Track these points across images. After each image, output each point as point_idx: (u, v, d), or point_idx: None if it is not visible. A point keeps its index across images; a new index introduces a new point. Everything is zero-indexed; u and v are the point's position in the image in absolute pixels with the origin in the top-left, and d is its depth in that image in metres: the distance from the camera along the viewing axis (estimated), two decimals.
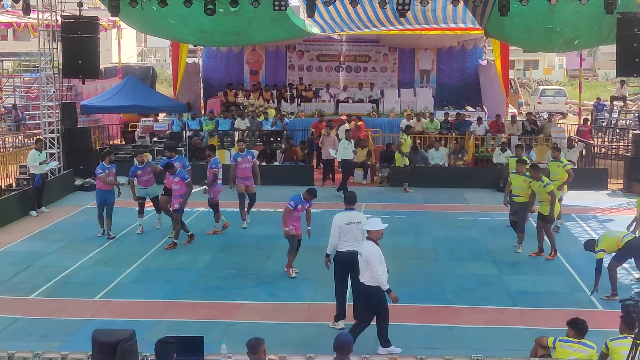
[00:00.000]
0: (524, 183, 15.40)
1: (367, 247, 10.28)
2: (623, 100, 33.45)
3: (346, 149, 21.65)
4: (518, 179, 15.55)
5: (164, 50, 73.28)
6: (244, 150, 17.92)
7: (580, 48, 30.05)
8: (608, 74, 64.81)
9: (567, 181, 16.52)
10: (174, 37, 26.36)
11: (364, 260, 10.24)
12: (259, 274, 14.14)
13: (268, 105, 29.38)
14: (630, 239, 12.65)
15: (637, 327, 7.71)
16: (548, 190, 14.76)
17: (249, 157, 17.79)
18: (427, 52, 33.92)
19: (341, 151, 21.73)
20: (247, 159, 17.73)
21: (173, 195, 16.05)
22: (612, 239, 12.66)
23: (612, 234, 12.98)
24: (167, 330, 10.07)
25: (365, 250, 10.27)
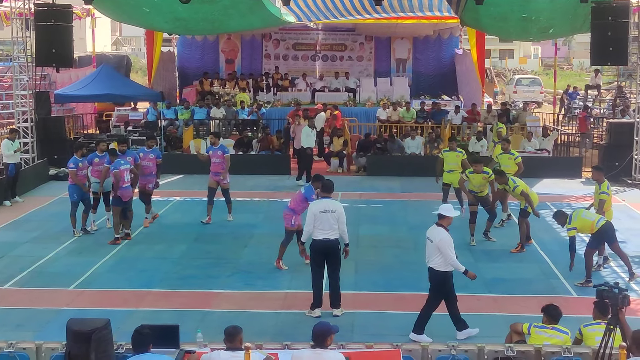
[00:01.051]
0: (483, 180, 15.52)
1: (438, 233, 10.30)
2: (597, 89, 33.68)
3: (309, 137, 21.49)
4: (477, 177, 15.57)
5: (138, 39, 72.71)
6: (217, 144, 17.30)
7: (555, 37, 30.19)
8: (583, 63, 65.26)
9: (517, 173, 16.55)
10: (149, 25, 26.14)
11: (434, 246, 10.27)
12: (235, 263, 14.11)
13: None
14: (604, 223, 12.79)
15: (610, 313, 7.77)
16: (518, 192, 14.81)
17: (219, 151, 17.11)
18: (403, 41, 33.94)
19: (304, 138, 21.59)
20: (218, 154, 17.07)
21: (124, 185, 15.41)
22: (587, 222, 12.78)
23: (587, 215, 13.02)
24: (143, 320, 10.00)
25: (435, 237, 10.29)
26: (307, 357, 7.20)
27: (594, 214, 13.09)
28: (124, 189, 15.23)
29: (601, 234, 12.81)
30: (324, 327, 7.44)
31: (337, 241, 11.26)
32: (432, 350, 8.00)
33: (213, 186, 17.13)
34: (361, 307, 11.77)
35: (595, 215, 13.05)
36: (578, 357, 7.91)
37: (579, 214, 12.97)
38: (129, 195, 15.41)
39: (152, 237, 15.86)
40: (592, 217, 12.92)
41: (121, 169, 15.22)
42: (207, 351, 7.64)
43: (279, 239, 14.40)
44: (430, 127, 25.47)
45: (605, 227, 12.79)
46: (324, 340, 7.28)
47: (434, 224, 10.54)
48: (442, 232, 10.31)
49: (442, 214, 10.47)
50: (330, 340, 7.37)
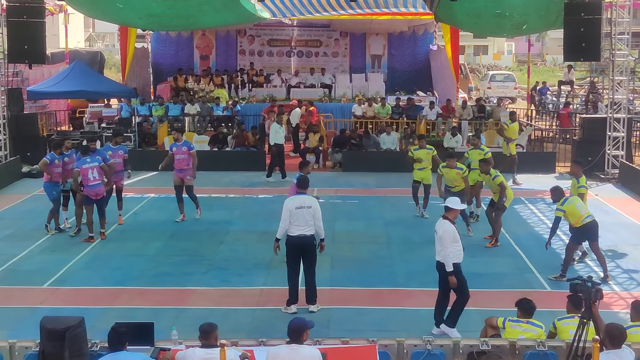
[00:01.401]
0: (457, 176, 15.64)
1: (442, 225, 10.36)
2: (570, 85, 33.92)
3: (278, 133, 21.41)
4: (451, 172, 15.70)
5: (112, 35, 72.20)
6: (180, 140, 16.97)
7: (528, 33, 30.40)
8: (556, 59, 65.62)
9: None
10: (122, 21, 25.96)
11: (439, 238, 10.32)
12: (210, 259, 14.06)
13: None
14: (590, 221, 12.83)
15: (584, 307, 7.83)
16: (497, 182, 14.88)
17: (183, 148, 16.75)
18: (378, 37, 33.98)
19: (273, 135, 21.53)
20: (182, 150, 16.72)
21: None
22: (577, 213, 12.79)
23: (580, 208, 12.92)
24: (117, 318, 9.94)
25: (440, 229, 10.35)
26: (284, 353, 7.18)
27: (586, 209, 13.02)
28: (90, 187, 15.07)
29: (585, 230, 12.86)
30: (300, 323, 7.43)
31: (312, 237, 11.26)
32: (408, 345, 8.02)
33: (179, 184, 16.78)
34: (337, 302, 11.78)
35: (586, 211, 13.00)
36: (552, 351, 7.97)
37: (574, 202, 12.91)
38: (97, 192, 15.21)
39: (127, 234, 15.76)
40: (583, 211, 12.89)
41: (83, 167, 15.05)
42: (182, 348, 7.61)
43: (255, 235, 14.42)
44: (405, 122, 25.52)
45: (590, 225, 12.85)
46: (300, 335, 7.27)
47: (441, 217, 10.59)
48: (447, 224, 10.35)
49: (448, 206, 10.54)
50: (306, 336, 7.36)
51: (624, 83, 22.25)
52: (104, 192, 15.43)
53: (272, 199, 18.65)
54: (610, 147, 21.68)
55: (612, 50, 21.63)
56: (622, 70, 22.23)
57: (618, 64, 21.97)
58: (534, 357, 7.89)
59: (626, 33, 21.53)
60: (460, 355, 8.02)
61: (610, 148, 21.69)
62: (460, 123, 25.43)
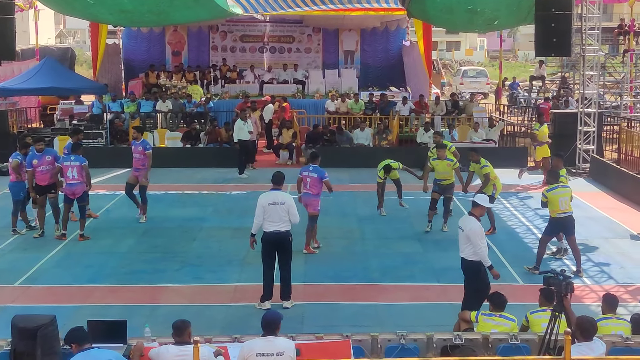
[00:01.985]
0: (447, 167, 15.64)
1: (469, 222, 10.26)
2: (542, 80, 34.18)
3: (242, 129, 21.35)
4: (441, 163, 15.72)
5: (83, 32, 71.52)
6: (139, 139, 16.72)
7: (500, 28, 30.56)
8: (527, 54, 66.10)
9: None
10: (93, 17, 25.70)
11: (465, 235, 10.21)
12: (184, 256, 13.99)
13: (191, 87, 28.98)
14: (564, 216, 12.89)
15: (556, 300, 7.90)
16: (484, 173, 14.98)
17: (140, 147, 16.48)
18: (351, 32, 33.99)
19: (236, 132, 21.47)
20: (138, 149, 16.47)
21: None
22: (556, 205, 12.85)
23: (562, 202, 12.91)
24: (90, 315, 9.90)
25: (466, 226, 10.24)
26: (260, 345, 7.19)
27: (567, 204, 12.98)
28: (67, 185, 14.98)
29: (560, 224, 12.97)
30: (275, 316, 7.48)
31: (287, 233, 11.24)
32: (382, 340, 8.04)
33: (131, 182, 16.65)
34: (311, 298, 11.78)
35: (567, 206, 12.97)
36: (524, 344, 8.03)
37: (558, 195, 12.91)
38: (74, 192, 15.05)
39: (99, 232, 15.62)
40: (562, 206, 12.90)
41: (64, 164, 14.98)
42: (156, 346, 7.57)
43: (228, 231, 14.38)
44: (378, 118, 25.57)
45: (567, 219, 12.94)
46: (276, 328, 7.31)
47: (467, 213, 10.56)
48: (474, 221, 10.27)
49: (476, 201, 10.49)
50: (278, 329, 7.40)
51: (594, 78, 22.46)
52: (81, 192, 15.17)
53: (245, 196, 18.61)
54: (581, 141, 21.87)
55: (582, 46, 21.84)
56: (592, 66, 22.45)
57: (589, 59, 22.18)
58: (507, 351, 7.94)
59: (596, 28, 21.75)
60: (433, 349, 8.05)
61: (581, 143, 21.88)
62: (433, 119, 25.53)
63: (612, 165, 20.68)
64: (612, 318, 8.65)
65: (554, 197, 12.83)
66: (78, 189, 15.03)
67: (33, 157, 15.09)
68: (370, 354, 7.97)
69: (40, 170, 15.06)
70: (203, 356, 6.81)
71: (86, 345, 6.93)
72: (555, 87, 32.90)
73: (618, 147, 23.72)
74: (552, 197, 12.82)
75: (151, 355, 7.32)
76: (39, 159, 15.07)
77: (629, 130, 23.35)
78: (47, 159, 15.12)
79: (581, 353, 6.95)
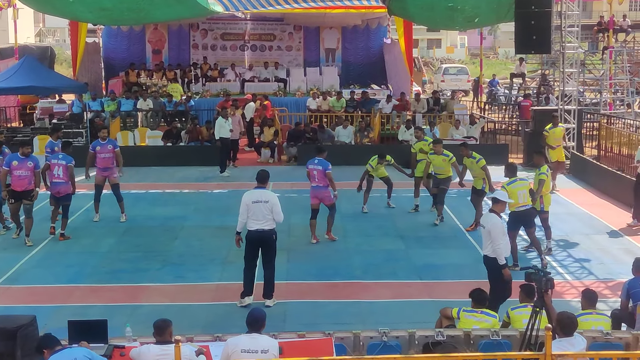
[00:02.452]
0: (443, 162, 15.87)
1: (491, 219, 10.31)
2: (522, 78, 34.33)
3: (223, 127, 21.31)
4: (437, 158, 15.95)
5: (63, 30, 71.23)
6: (105, 139, 16.56)
7: (480, 26, 30.65)
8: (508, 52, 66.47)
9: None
10: (72, 15, 25.54)
11: (487, 232, 10.24)
12: (165, 255, 13.94)
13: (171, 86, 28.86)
14: (523, 210, 13.00)
15: (536, 296, 7.94)
16: (481, 166, 15.12)
17: (109, 146, 16.33)
18: (332, 30, 33.98)
19: (218, 129, 21.45)
20: (107, 149, 16.30)
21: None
22: (515, 199, 12.86)
23: (520, 194, 13.00)
24: (71, 315, 9.85)
25: (488, 223, 10.28)
26: (244, 341, 7.20)
27: (526, 197, 13.11)
28: (53, 185, 14.98)
29: (520, 217, 13.07)
30: (261, 313, 7.52)
31: (271, 232, 11.20)
32: (364, 337, 8.05)
33: (100, 183, 16.46)
34: (293, 296, 11.77)
35: (526, 199, 13.08)
36: (506, 340, 8.07)
37: (517, 188, 13.01)
38: (59, 191, 14.98)
39: (80, 231, 15.54)
40: (521, 199, 13.00)
41: (52, 162, 15.00)
42: (137, 345, 7.54)
43: (210, 230, 14.34)
44: (360, 116, 25.59)
45: (527, 213, 13.07)
46: (261, 326, 7.33)
47: (488, 210, 10.58)
48: (495, 217, 10.34)
49: (497, 198, 10.54)
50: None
51: (574, 75, 22.59)
52: (65, 192, 15.05)
53: (227, 194, 18.58)
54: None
55: (562, 43, 21.93)
56: (572, 63, 22.58)
57: (568, 56, 22.30)
58: (488, 347, 7.97)
59: (576, 26, 21.87)
60: (415, 346, 8.07)
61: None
62: (414, 116, 25.57)
63: (592, 162, 20.82)
64: (592, 313, 8.72)
65: (513, 190, 12.91)
66: (62, 188, 14.96)
67: (14, 159, 14.72)
68: (352, 351, 7.98)
69: (19, 175, 14.65)
70: (184, 355, 6.79)
71: (57, 348, 6.90)
72: (536, 84, 33.05)
73: (598, 144, 23.90)
74: (511, 190, 12.88)
75: (132, 355, 7.29)
76: (20, 161, 14.64)
77: (608, 127, 23.54)
78: (29, 165, 14.72)
79: (562, 348, 6.99)
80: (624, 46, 32.35)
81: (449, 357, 6.93)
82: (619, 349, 7.99)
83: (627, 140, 21.41)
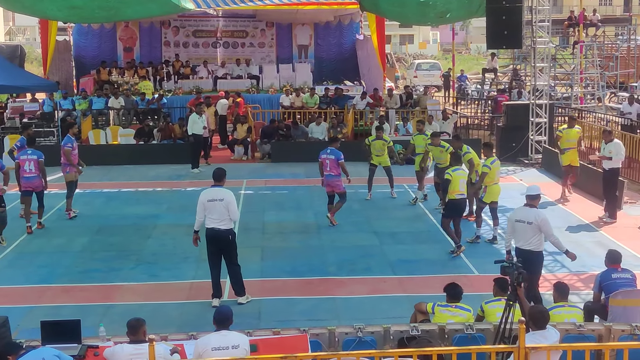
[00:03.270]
0: (441, 154, 16.37)
1: (538, 214, 10.50)
2: (494, 73, 34.53)
3: (196, 123, 21.25)
4: (435, 150, 16.54)
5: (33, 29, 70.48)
6: (74, 135, 16.70)
7: (452, 21, 30.78)
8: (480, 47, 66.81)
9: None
10: (42, 14, 25.29)
11: (535, 227, 10.36)
12: (138, 254, 13.86)
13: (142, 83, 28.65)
14: (457, 198, 13.57)
15: (510, 289, 7.99)
16: (466, 159, 15.21)
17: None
18: (305, 27, 33.93)
19: (191, 125, 21.36)
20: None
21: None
22: (455, 185, 13.50)
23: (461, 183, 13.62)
24: (43, 316, 9.76)
25: (535, 217, 10.41)
26: (215, 339, 7.19)
27: (463, 186, 13.60)
28: (26, 180, 15.02)
29: (457, 205, 13.65)
30: (226, 310, 7.54)
31: (227, 232, 11.07)
32: (339, 333, 8.05)
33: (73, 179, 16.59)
34: (268, 293, 11.75)
35: (462, 187, 13.58)
36: (480, 334, 8.11)
37: (460, 176, 13.58)
38: (33, 184, 15.05)
39: (52, 231, 15.41)
40: (460, 187, 13.52)
41: (22, 159, 15.02)
42: (110, 345, 7.49)
43: (183, 228, 14.28)
44: (333, 112, 25.59)
45: (457, 202, 13.59)
46: (229, 322, 7.33)
47: (522, 206, 10.66)
48: (542, 212, 10.57)
49: (534, 193, 10.69)
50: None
51: (545, 70, 22.74)
52: (40, 186, 15.19)
53: (200, 192, 18.41)
54: (533, 132, 22.13)
55: (533, 38, 22.10)
56: (543, 57, 22.74)
57: (539, 51, 22.45)
58: (463, 341, 8.01)
59: (547, 21, 22.02)
60: (390, 341, 8.09)
61: (533, 134, 22.14)
62: (387, 112, 25.62)
63: None
64: (565, 306, 8.79)
65: (456, 178, 13.43)
66: (36, 182, 15.03)
67: None
68: (327, 347, 7.98)
69: None
70: (159, 354, 6.75)
71: (21, 352, 6.84)
72: (508, 79, 33.25)
73: None
74: (455, 177, 13.41)
75: (106, 355, 7.25)
76: None
77: (579, 121, 23.73)
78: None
79: (535, 341, 7.03)
80: (594, 40, 32.66)
81: (424, 352, 6.94)
82: (592, 340, 8.07)
83: (599, 133, 21.58)
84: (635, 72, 33.47)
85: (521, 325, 6.55)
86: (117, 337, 7.75)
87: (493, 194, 14.30)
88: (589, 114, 25.57)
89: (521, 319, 6.77)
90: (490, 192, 14.25)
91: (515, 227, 10.54)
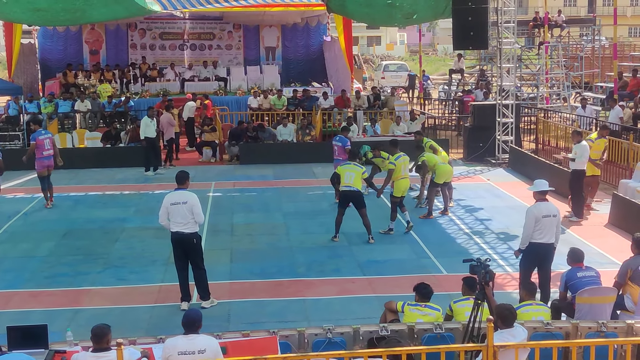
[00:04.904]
0: (383, 163, 16.84)
1: (555, 207, 10.71)
2: (461, 73, 34.75)
3: (148, 127, 21.13)
4: (378, 160, 17.19)
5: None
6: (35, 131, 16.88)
7: (418, 22, 30.90)
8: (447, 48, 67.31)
9: None
10: (5, 16, 24.92)
11: (557, 220, 10.67)
12: (106, 258, 13.73)
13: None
14: (344, 191, 14.45)
15: (478, 289, 8.04)
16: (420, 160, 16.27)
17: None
18: (272, 29, 33.92)
19: (143, 129, 21.22)
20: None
21: None
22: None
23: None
24: (10, 321, 9.57)
25: (557, 211, 10.69)
26: (182, 343, 7.12)
27: (353, 179, 14.35)
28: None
29: (347, 196, 14.48)
30: (195, 314, 7.44)
31: (192, 235, 11.00)
32: (309, 335, 8.05)
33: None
34: (237, 296, 11.71)
35: (348, 180, 14.35)
36: (449, 333, 8.15)
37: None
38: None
39: (17, 235, 15.23)
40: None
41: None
42: (78, 350, 7.40)
43: (151, 231, 14.19)
44: (301, 114, 25.59)
45: (352, 194, 14.39)
46: (197, 326, 7.26)
47: (537, 203, 10.71)
48: (548, 205, 10.72)
49: (546, 188, 10.76)
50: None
51: (511, 70, 22.93)
52: None
53: None
54: (500, 132, 22.29)
55: (499, 39, 22.29)
56: (509, 58, 22.94)
57: (505, 51, 22.64)
58: (432, 340, 8.04)
59: (512, 21, 22.19)
60: (360, 342, 8.10)
61: (500, 134, 22.30)
62: (355, 113, 25.67)
63: (530, 155, 21.16)
64: (532, 304, 8.86)
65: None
66: None
67: None
68: (297, 349, 7.97)
69: None
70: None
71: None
72: (474, 79, 33.49)
73: (535, 138, 24.34)
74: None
75: None
76: None
77: (545, 121, 24.01)
78: None
79: (503, 340, 7.08)
80: (559, 41, 32.99)
81: (393, 352, 6.96)
82: (560, 338, 8.14)
83: (564, 133, 21.83)
84: (600, 72, 33.87)
85: (489, 323, 6.60)
86: (85, 342, 7.66)
87: (401, 189, 14.98)
88: (555, 114, 25.84)
89: (489, 318, 6.81)
90: (397, 187, 14.94)
91: (544, 223, 10.60)
